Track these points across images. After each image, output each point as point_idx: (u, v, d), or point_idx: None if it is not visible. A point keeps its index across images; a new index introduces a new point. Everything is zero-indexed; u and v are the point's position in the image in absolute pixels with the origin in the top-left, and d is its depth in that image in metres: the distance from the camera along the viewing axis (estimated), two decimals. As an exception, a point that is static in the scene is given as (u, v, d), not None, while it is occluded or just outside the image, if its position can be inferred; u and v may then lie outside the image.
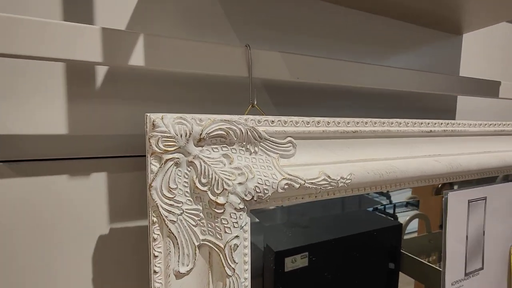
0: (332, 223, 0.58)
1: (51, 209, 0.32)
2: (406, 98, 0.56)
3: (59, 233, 0.32)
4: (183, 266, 0.26)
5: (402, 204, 0.73)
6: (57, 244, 0.32)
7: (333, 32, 0.47)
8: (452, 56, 0.62)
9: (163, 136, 0.25)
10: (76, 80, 0.32)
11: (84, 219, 0.33)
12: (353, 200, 0.64)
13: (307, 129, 0.32)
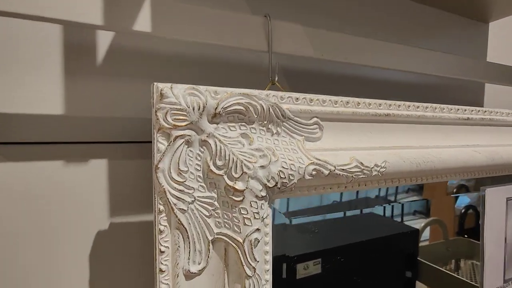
0: (346, 227, 0.55)
1: (44, 200, 0.28)
2: (431, 89, 0.52)
3: (52, 228, 0.28)
4: (194, 264, 0.22)
5: (410, 208, 0.69)
6: (50, 240, 0.28)
7: (356, 16, 0.44)
8: (478, 44, 0.58)
9: (172, 109, 0.21)
10: (75, 54, 0.29)
11: (81, 212, 0.29)
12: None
13: (335, 109, 0.28)
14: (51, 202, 0.28)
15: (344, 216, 0.55)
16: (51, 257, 0.28)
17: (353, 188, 0.29)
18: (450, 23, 0.54)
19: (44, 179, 0.28)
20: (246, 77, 0.35)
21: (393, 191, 0.65)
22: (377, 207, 0.63)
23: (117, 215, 0.30)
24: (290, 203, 0.50)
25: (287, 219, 0.50)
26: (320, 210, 0.54)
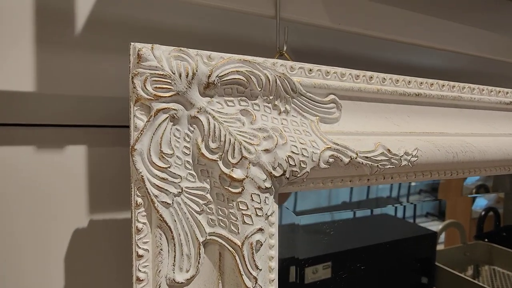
0: (358, 230, 0.53)
1: (11, 191, 0.24)
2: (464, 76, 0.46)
3: (22, 225, 0.24)
4: (181, 272, 0.18)
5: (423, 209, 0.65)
6: (19, 239, 0.24)
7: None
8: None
9: (153, 75, 0.17)
10: (50, 21, 0.25)
11: (56, 207, 0.25)
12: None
13: (357, 85, 0.23)
14: (20, 194, 0.24)
15: (356, 217, 0.53)
16: (20, 259, 0.24)
17: (377, 182, 0.24)
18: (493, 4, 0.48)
19: (12, 167, 0.24)
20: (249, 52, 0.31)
21: (405, 192, 0.61)
22: (388, 208, 0.60)
23: (97, 211, 0.26)
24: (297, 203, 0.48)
25: (297, 217, 0.46)
26: (331, 209, 0.51)
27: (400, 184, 0.58)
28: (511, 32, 0.49)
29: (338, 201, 0.53)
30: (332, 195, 0.52)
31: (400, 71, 0.40)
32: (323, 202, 0.52)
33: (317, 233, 0.48)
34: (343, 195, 0.54)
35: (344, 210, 0.52)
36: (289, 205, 0.46)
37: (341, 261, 0.48)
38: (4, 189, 0.24)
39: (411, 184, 0.63)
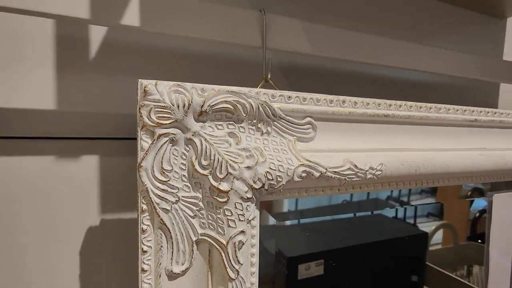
0: (352, 228, 0.54)
1: (34, 195, 0.28)
2: (440, 88, 0.50)
3: (42, 223, 0.28)
4: (178, 265, 0.22)
5: (423, 211, 0.67)
6: (41, 236, 0.28)
7: (365, 11, 0.42)
8: (494, 41, 0.55)
9: (156, 106, 0.21)
10: (68, 49, 0.29)
11: (72, 208, 0.29)
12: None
13: (331, 109, 0.27)
14: (42, 197, 0.28)
15: (351, 216, 0.55)
16: (41, 253, 0.29)
17: (347, 191, 0.28)
18: (464, 20, 0.52)
19: (35, 174, 0.28)
20: (241, 74, 0.34)
21: (406, 192, 0.63)
22: (387, 209, 0.62)
23: (108, 212, 0.30)
24: (299, 201, 0.49)
25: (275, 220, 0.49)
26: (315, 212, 0.53)
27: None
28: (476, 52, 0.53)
29: (338, 200, 0.54)
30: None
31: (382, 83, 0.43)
32: (324, 200, 0.53)
33: (311, 232, 0.50)
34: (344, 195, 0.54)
35: (327, 214, 0.53)
36: (291, 203, 0.49)
37: (333, 259, 0.50)
38: (30, 192, 0.28)
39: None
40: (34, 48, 0.28)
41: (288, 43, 0.29)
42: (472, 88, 0.53)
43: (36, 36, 0.28)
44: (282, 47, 0.29)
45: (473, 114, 0.35)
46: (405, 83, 0.47)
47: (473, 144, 0.35)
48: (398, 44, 0.35)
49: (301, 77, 0.39)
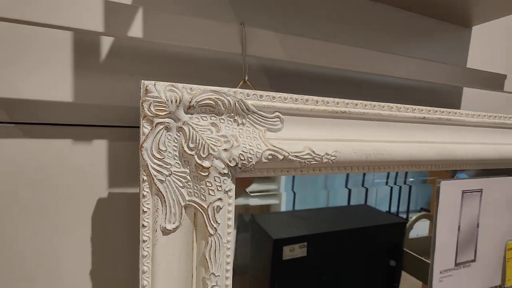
0: (335, 216, 0.58)
1: (55, 170, 0.35)
2: (412, 90, 0.56)
3: (60, 193, 0.35)
4: (170, 223, 0.29)
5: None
6: (58, 202, 0.35)
7: (338, 20, 0.48)
8: (460, 48, 0.61)
9: (154, 101, 0.27)
10: (82, 52, 0.35)
11: (85, 182, 0.36)
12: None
13: (296, 106, 0.33)
14: (61, 172, 0.35)
15: (338, 206, 0.58)
16: (59, 218, 0.35)
17: (308, 173, 0.34)
18: (434, 28, 0.58)
19: (55, 154, 0.35)
20: (226, 74, 0.41)
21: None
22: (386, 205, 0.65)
23: (114, 186, 0.37)
24: (298, 194, 0.54)
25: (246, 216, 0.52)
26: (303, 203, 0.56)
27: (395, 180, 0.62)
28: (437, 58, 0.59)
29: (334, 189, 0.57)
30: (329, 183, 0.57)
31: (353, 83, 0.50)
32: (321, 193, 0.57)
33: (299, 218, 0.53)
34: (340, 181, 0.57)
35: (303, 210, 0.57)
36: (289, 195, 0.52)
37: (316, 242, 0.53)
38: (51, 169, 0.34)
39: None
40: (55, 51, 0.34)
41: (264, 50, 0.35)
42: (440, 90, 0.60)
43: (56, 39, 0.34)
44: (259, 54, 0.35)
45: (422, 112, 0.41)
46: (380, 84, 0.53)
47: (422, 138, 0.42)
48: (359, 51, 0.41)
49: (279, 76, 0.45)
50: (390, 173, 0.62)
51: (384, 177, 0.60)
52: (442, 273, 0.47)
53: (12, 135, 0.33)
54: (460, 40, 0.61)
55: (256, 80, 0.44)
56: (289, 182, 0.50)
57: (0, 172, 0.33)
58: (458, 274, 0.49)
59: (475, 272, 0.51)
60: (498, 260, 0.54)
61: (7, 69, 0.32)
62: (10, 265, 0.33)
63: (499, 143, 0.48)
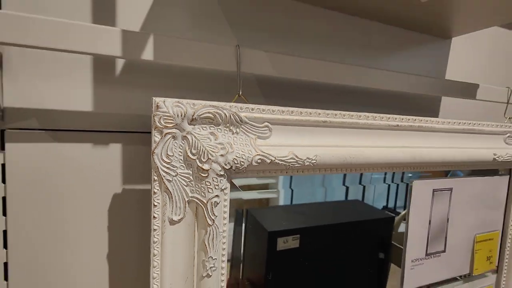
0: (327, 211, 0.61)
1: (77, 169, 0.41)
2: (393, 96, 0.62)
3: (82, 188, 0.41)
4: (176, 215, 0.35)
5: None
6: (80, 197, 0.41)
7: (326, 36, 0.54)
8: (440, 58, 0.67)
9: (164, 115, 0.33)
10: (100, 69, 0.41)
11: (102, 179, 0.42)
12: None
13: (282, 116, 0.39)
14: (82, 172, 0.41)
15: (331, 201, 0.60)
16: (81, 210, 0.41)
17: (293, 174, 0.40)
18: (415, 40, 0.63)
19: (77, 156, 0.41)
20: (225, 86, 0.47)
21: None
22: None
23: (127, 183, 0.43)
24: (296, 191, 0.56)
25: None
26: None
27: (393, 178, 0.65)
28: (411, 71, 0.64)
29: (332, 188, 0.60)
30: (327, 183, 0.59)
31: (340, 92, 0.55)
32: (319, 190, 0.58)
33: (293, 212, 0.56)
34: (337, 180, 0.58)
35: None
36: (287, 191, 0.55)
37: (308, 235, 0.56)
38: (74, 168, 0.41)
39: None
40: (78, 69, 0.40)
41: (255, 68, 0.41)
42: (419, 98, 0.65)
43: (79, 60, 0.40)
44: (251, 71, 0.41)
45: (396, 121, 0.47)
46: (365, 91, 0.59)
47: (395, 143, 0.48)
48: (338, 67, 0.47)
49: (270, 86, 0.51)
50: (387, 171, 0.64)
51: (382, 175, 0.63)
52: (413, 262, 0.54)
53: (42, 140, 0.39)
54: (440, 50, 0.67)
55: (251, 90, 0.49)
56: (287, 180, 0.54)
57: (33, 169, 0.39)
58: (429, 263, 0.55)
59: (445, 261, 0.57)
60: (467, 252, 0.60)
61: (38, 84, 0.38)
62: (43, 245, 0.40)
63: (467, 147, 0.54)
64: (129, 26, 0.41)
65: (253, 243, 0.53)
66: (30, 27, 0.31)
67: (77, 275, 0.42)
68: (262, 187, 0.51)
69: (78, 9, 0.39)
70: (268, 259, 0.54)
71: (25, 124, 0.38)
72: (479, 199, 0.59)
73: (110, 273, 0.43)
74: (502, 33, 0.75)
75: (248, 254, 0.53)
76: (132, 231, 0.44)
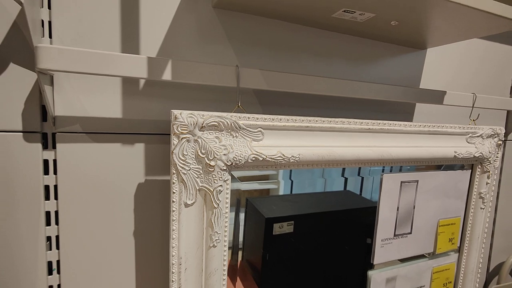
0: (319, 200, 0.64)
1: (109, 163, 0.52)
2: (373, 101, 0.72)
3: (113, 178, 0.52)
4: (189, 200, 0.46)
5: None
6: (111, 185, 0.52)
7: (315, 50, 0.63)
8: (416, 66, 0.76)
9: (180, 124, 0.43)
10: (128, 84, 0.51)
11: (129, 172, 0.53)
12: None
13: (272, 123, 0.49)
14: (113, 165, 0.52)
15: (324, 191, 0.64)
16: (112, 196, 0.52)
17: (282, 168, 0.51)
18: (392, 51, 0.72)
19: (110, 153, 0.51)
20: (229, 96, 0.57)
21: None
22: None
23: (149, 175, 0.54)
24: (296, 181, 0.59)
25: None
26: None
27: (391, 170, 0.67)
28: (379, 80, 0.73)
29: (332, 181, 0.62)
30: (327, 177, 0.63)
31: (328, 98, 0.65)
32: (319, 181, 0.61)
33: (288, 201, 0.60)
34: (337, 173, 0.61)
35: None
36: (287, 182, 0.58)
37: (301, 221, 0.61)
38: (108, 163, 0.51)
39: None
40: (111, 85, 0.50)
41: (251, 83, 0.51)
42: (396, 103, 0.75)
43: (111, 78, 0.50)
44: (248, 86, 0.51)
45: (368, 125, 0.57)
46: (349, 98, 0.69)
47: (367, 143, 0.58)
48: (317, 80, 0.57)
49: (265, 95, 0.61)
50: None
51: (380, 168, 0.66)
52: (383, 241, 0.65)
53: (83, 140, 0.50)
54: (415, 59, 0.76)
55: (249, 98, 0.60)
56: (287, 171, 0.57)
57: (76, 164, 0.49)
58: (397, 242, 0.66)
59: (411, 241, 0.68)
60: (431, 234, 0.71)
61: (80, 98, 0.49)
62: (84, 219, 0.51)
63: (431, 146, 0.64)
64: (150, 48, 0.51)
65: (252, 228, 0.59)
66: (77, 57, 0.42)
67: (109, 246, 0.53)
68: (263, 178, 0.56)
69: (110, 37, 0.49)
70: (265, 242, 0.59)
71: (70, 129, 0.49)
72: (443, 190, 0.70)
73: (136, 246, 0.54)
74: (474, 42, 0.84)
75: (247, 238, 0.58)
76: (152, 213, 0.55)
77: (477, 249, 0.75)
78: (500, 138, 0.73)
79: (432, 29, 0.61)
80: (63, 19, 0.46)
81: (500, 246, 1.00)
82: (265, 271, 0.59)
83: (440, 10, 0.51)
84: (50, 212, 0.49)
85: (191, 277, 0.47)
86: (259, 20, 0.58)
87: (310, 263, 0.63)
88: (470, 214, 0.74)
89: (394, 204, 0.65)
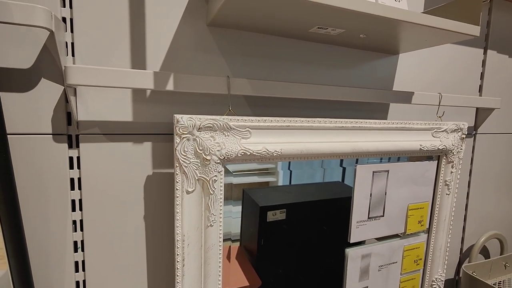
0: (310, 190, 0.70)
1: (122, 159, 0.62)
2: (351, 101, 0.82)
3: (125, 171, 0.62)
4: (190, 188, 0.56)
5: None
6: (124, 177, 0.62)
7: (296, 59, 0.73)
8: (389, 70, 0.85)
9: (181, 126, 0.53)
10: (137, 92, 0.61)
11: (139, 166, 0.63)
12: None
13: (258, 123, 0.59)
14: (125, 161, 0.62)
15: (316, 182, 0.69)
16: (126, 186, 0.63)
17: (267, 161, 0.61)
18: (366, 57, 0.82)
19: (123, 151, 0.61)
20: (221, 101, 0.67)
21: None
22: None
23: (157, 168, 0.64)
24: (295, 171, 0.66)
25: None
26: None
27: (389, 160, 0.83)
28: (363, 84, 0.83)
29: (332, 174, 0.70)
30: (327, 170, 0.68)
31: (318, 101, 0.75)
32: (318, 173, 0.67)
33: (282, 191, 0.66)
34: (336, 165, 0.67)
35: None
36: (286, 177, 0.64)
37: (293, 209, 0.67)
38: (120, 158, 0.61)
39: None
40: (122, 92, 0.60)
41: (240, 90, 0.61)
42: (371, 103, 0.85)
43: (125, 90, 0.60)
44: (238, 92, 0.61)
45: (342, 123, 0.67)
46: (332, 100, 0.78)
47: (341, 139, 0.68)
48: (298, 86, 0.67)
49: (253, 99, 0.70)
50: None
51: (378, 158, 0.71)
52: (358, 223, 0.75)
53: (101, 140, 0.60)
54: (389, 63, 0.85)
55: (239, 101, 0.69)
56: (285, 163, 0.62)
57: (96, 160, 0.60)
58: (370, 224, 0.77)
59: (384, 223, 0.79)
60: (402, 217, 0.81)
61: (99, 105, 0.59)
62: (103, 204, 0.61)
63: (398, 140, 0.74)
64: (155, 62, 0.61)
65: (248, 216, 0.64)
66: (98, 74, 0.51)
67: (123, 227, 0.63)
68: (262, 169, 0.61)
69: (122, 54, 0.59)
70: (260, 229, 0.65)
71: (91, 131, 0.59)
72: (412, 178, 0.80)
73: (146, 227, 0.65)
74: (446, 46, 0.93)
75: (244, 226, 0.64)
76: (159, 199, 0.65)
77: (444, 230, 0.86)
78: (463, 132, 0.82)
79: (398, 40, 0.70)
80: (83, 40, 0.56)
81: (471, 230, 1.10)
82: (260, 254, 0.66)
83: (396, 28, 0.60)
84: (75, 200, 0.60)
85: (193, 251, 0.57)
86: (247, 34, 0.68)
87: (300, 246, 0.68)
88: (437, 199, 0.84)
89: (368, 191, 0.75)
